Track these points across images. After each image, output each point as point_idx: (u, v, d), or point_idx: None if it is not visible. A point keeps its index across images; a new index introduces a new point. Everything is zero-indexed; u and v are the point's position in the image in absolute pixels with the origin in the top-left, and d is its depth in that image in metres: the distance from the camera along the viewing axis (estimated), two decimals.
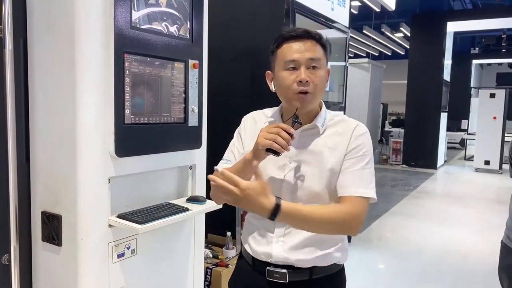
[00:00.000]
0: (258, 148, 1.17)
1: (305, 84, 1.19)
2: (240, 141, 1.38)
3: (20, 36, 1.61)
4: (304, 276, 1.26)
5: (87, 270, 1.59)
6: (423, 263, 4.01)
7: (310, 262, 1.25)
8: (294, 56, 1.20)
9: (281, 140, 1.13)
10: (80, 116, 1.52)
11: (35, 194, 1.68)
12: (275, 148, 1.13)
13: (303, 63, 1.20)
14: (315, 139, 1.27)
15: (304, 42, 1.21)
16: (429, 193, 7.41)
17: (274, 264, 1.26)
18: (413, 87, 10.12)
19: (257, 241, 1.31)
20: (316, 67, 1.21)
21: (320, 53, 1.23)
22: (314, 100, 1.25)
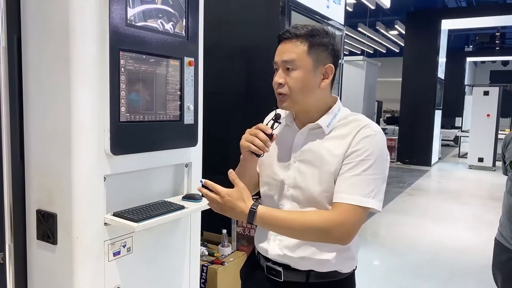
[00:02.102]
0: (241, 149, 1.21)
1: (278, 86, 1.21)
2: None
3: (14, 33, 1.59)
4: (300, 278, 1.24)
5: (83, 269, 1.58)
6: (418, 260, 4.04)
7: (306, 264, 1.23)
8: (276, 58, 1.23)
9: (258, 142, 1.16)
10: (75, 114, 1.51)
11: (30, 192, 1.67)
12: (253, 150, 1.17)
13: (280, 65, 1.22)
14: (320, 139, 1.23)
15: (286, 43, 1.21)
16: (424, 190, 7.45)
17: (273, 261, 1.29)
18: (408, 84, 10.16)
19: (260, 236, 1.35)
20: (290, 68, 1.19)
21: (300, 52, 1.17)
22: (294, 102, 1.21)
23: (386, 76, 15.26)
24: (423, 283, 3.55)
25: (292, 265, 1.25)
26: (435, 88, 9.90)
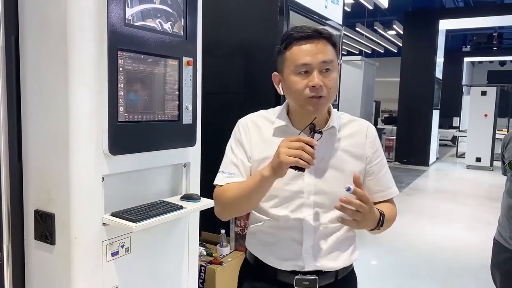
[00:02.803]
0: (282, 167, 1.05)
1: (319, 89, 1.13)
2: (243, 151, 1.25)
3: (11, 33, 1.59)
4: (330, 278, 1.25)
5: (81, 269, 1.58)
6: (415, 259, 4.04)
7: (337, 265, 1.25)
8: (306, 60, 1.14)
9: (306, 156, 1.03)
10: (73, 114, 1.51)
11: (28, 192, 1.67)
12: (301, 165, 1.04)
13: (316, 66, 1.14)
14: (333, 141, 1.23)
15: (316, 43, 1.15)
16: (421, 190, 7.46)
17: (303, 272, 1.23)
18: (406, 84, 10.17)
19: (282, 251, 1.23)
20: (329, 69, 1.15)
21: (332, 54, 1.17)
22: (328, 104, 1.20)
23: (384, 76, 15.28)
24: (420, 282, 3.55)
25: (325, 269, 1.24)
26: (433, 88, 9.92)
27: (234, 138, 1.29)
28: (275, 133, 1.24)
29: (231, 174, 1.24)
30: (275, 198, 1.22)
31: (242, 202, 1.20)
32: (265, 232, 1.26)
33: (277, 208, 1.23)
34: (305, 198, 1.20)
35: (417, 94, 9.90)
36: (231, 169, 1.24)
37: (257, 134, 1.25)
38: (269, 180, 1.11)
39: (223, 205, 1.24)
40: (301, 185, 1.20)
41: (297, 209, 1.21)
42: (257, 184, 1.13)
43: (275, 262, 1.24)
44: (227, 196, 1.21)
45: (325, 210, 1.21)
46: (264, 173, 1.10)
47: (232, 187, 1.21)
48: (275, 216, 1.23)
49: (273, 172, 1.08)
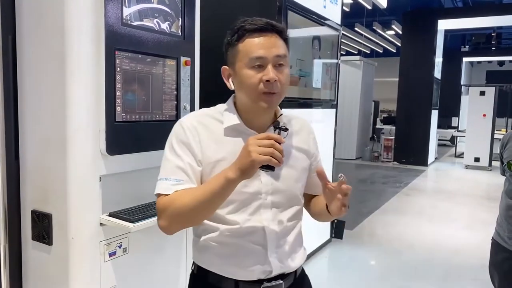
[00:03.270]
0: (254, 166, 0.98)
1: (273, 83, 1.08)
2: (191, 154, 1.12)
3: (8, 32, 1.58)
4: (291, 279, 1.23)
5: (78, 269, 1.57)
6: (414, 259, 4.04)
7: (297, 265, 1.24)
8: (261, 53, 1.08)
9: (278, 154, 0.98)
10: (70, 114, 1.50)
11: (25, 192, 1.66)
12: (273, 164, 0.99)
13: (270, 60, 1.08)
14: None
15: (269, 36, 1.10)
16: (420, 190, 7.46)
17: (268, 279, 1.17)
18: (404, 84, 10.18)
19: (246, 260, 1.15)
20: (282, 64, 1.11)
21: (284, 48, 1.13)
22: (280, 100, 1.15)
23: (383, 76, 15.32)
24: (419, 282, 3.55)
25: (287, 271, 1.21)
26: (432, 88, 9.92)
27: (177, 140, 1.14)
28: (226, 132, 1.15)
29: (179, 180, 1.10)
30: (233, 203, 1.12)
31: (200, 211, 1.07)
32: (222, 242, 1.15)
33: (235, 213, 1.13)
34: (263, 199, 1.14)
35: (416, 94, 9.91)
36: (178, 175, 1.10)
37: (207, 135, 1.14)
38: (235, 182, 1.02)
39: (172, 217, 1.09)
40: (259, 186, 1.14)
41: (255, 211, 1.14)
42: (221, 188, 1.02)
43: (239, 273, 1.15)
44: (178, 205, 1.06)
45: (282, 209, 1.18)
46: (230, 176, 1.01)
47: (183, 195, 1.07)
48: (233, 222, 1.13)
49: (241, 173, 1.00)
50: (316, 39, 3.71)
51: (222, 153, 1.12)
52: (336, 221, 4.37)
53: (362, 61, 10.73)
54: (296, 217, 1.24)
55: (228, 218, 1.14)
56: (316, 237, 4.03)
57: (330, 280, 3.67)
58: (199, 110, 1.25)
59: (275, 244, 1.17)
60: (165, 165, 1.15)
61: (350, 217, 5.10)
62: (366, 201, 6.28)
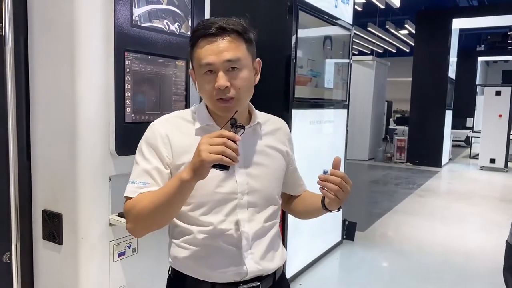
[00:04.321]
0: (204, 166, 0.94)
1: (224, 90, 1.05)
2: (159, 158, 1.12)
3: (20, 33, 1.60)
4: (270, 282, 1.21)
5: (88, 269, 1.59)
6: (426, 262, 3.99)
7: (274, 266, 1.21)
8: (209, 59, 1.05)
9: (230, 152, 0.93)
10: (80, 115, 1.51)
11: (36, 192, 1.68)
12: (225, 163, 0.94)
13: (220, 66, 1.05)
14: (257, 138, 1.20)
15: (220, 40, 1.05)
16: (433, 191, 7.37)
17: (244, 281, 1.15)
18: (418, 84, 10.07)
19: (219, 261, 1.13)
20: (236, 68, 1.07)
21: (241, 50, 1.08)
22: (240, 104, 1.11)
23: (396, 76, 15.18)
24: (431, 286, 3.50)
25: (264, 273, 1.18)
26: (446, 88, 9.79)
27: (146, 144, 1.14)
28: (197, 133, 1.14)
29: (144, 183, 1.10)
30: (206, 204, 1.11)
31: (158, 213, 1.05)
32: (196, 244, 1.13)
33: (209, 214, 1.12)
34: (238, 198, 1.12)
35: (430, 94, 9.79)
36: (144, 178, 1.10)
37: (178, 137, 1.13)
38: (190, 183, 0.99)
39: (136, 220, 1.08)
40: (234, 186, 1.12)
41: (231, 212, 1.12)
42: (176, 190, 1.00)
43: (213, 275, 1.13)
44: (138, 208, 1.06)
45: (258, 209, 1.16)
46: (183, 177, 0.98)
47: (144, 197, 1.07)
48: (207, 223, 1.12)
49: (194, 173, 0.96)
50: (327, 39, 3.68)
51: (191, 155, 1.03)
52: (347, 222, 4.34)
53: (375, 61, 10.64)
54: (273, 217, 1.22)
55: (201, 220, 1.12)
56: (326, 239, 4.01)
57: (340, 282, 3.64)
58: (172, 113, 1.23)
59: (250, 245, 1.15)
60: (134, 168, 1.15)
61: (362, 219, 5.06)
62: (378, 202, 6.22)
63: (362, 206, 6.08)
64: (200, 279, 1.15)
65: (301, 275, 3.46)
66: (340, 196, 1.09)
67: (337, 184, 1.07)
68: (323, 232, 3.84)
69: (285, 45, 3.04)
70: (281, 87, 3.03)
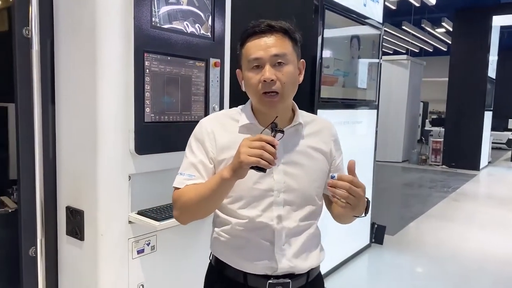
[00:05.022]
0: (242, 167, 1.01)
1: (270, 83, 1.11)
2: (205, 153, 1.20)
3: (46, 36, 1.66)
4: (302, 281, 1.23)
5: (107, 265, 1.62)
6: (460, 268, 3.84)
7: (308, 266, 1.23)
8: (257, 54, 1.12)
9: (268, 156, 0.99)
10: (101, 115, 1.55)
11: (60, 189, 1.74)
12: (262, 166, 0.99)
13: (267, 60, 1.11)
14: (299, 138, 1.22)
15: (268, 36, 1.12)
16: (470, 195, 7.07)
17: (275, 275, 1.19)
18: (455, 84, 9.70)
19: (252, 253, 1.19)
20: (282, 63, 1.12)
21: (287, 47, 1.14)
22: (284, 100, 1.16)
23: (432, 75, 14.71)
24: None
25: (297, 271, 1.21)
26: (485, 88, 9.38)
27: (194, 139, 1.23)
28: (241, 130, 1.20)
29: (191, 176, 1.18)
30: (244, 199, 1.18)
31: (201, 205, 1.14)
32: (233, 234, 1.21)
33: (246, 208, 1.18)
34: (275, 196, 1.17)
35: (468, 94, 9.42)
36: (191, 171, 1.19)
37: (222, 134, 1.20)
38: (230, 181, 1.06)
39: (181, 209, 1.17)
40: (271, 183, 1.17)
41: (267, 208, 1.17)
42: (217, 186, 1.08)
43: (246, 265, 1.19)
44: (185, 199, 1.15)
45: (295, 207, 1.19)
46: (224, 175, 1.05)
47: (190, 189, 1.15)
48: (244, 217, 1.18)
49: (233, 173, 1.03)
50: (355, 38, 3.61)
51: (234, 151, 1.10)
52: (376, 225, 4.24)
53: (410, 61, 10.35)
54: (310, 217, 1.23)
55: (238, 213, 1.19)
56: (354, 241, 3.93)
57: (367, 286, 3.56)
58: (220, 111, 1.30)
59: (283, 242, 1.19)
60: (183, 161, 1.24)
61: (392, 222, 4.93)
62: (410, 206, 6.04)
63: (393, 209, 5.93)
64: (234, 267, 1.21)
65: (327, 277, 3.41)
66: (351, 202, 1.05)
67: (346, 189, 1.04)
68: (350, 235, 3.77)
69: (311, 45, 3.01)
70: (306, 87, 3.00)
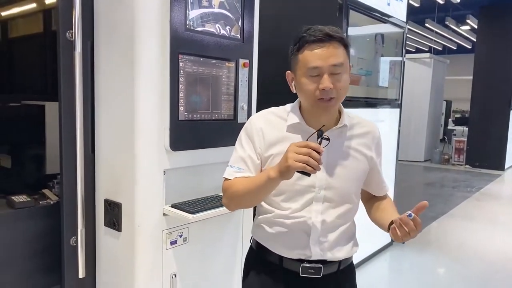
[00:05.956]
0: (289, 171, 1.09)
1: (328, 91, 1.17)
2: (253, 148, 1.28)
3: (87, 39, 1.77)
4: (333, 268, 1.31)
5: (143, 255, 1.72)
6: (483, 270, 3.81)
7: (341, 256, 1.31)
8: (317, 63, 1.17)
9: (313, 162, 1.06)
10: (138, 113, 1.65)
11: (99, 183, 1.85)
12: (308, 171, 1.07)
13: (326, 70, 1.17)
14: (343, 139, 1.29)
15: (327, 46, 1.17)
16: (494, 195, 6.97)
17: (308, 260, 1.28)
18: (480, 82, 9.52)
19: (289, 240, 1.28)
20: (339, 73, 1.18)
21: (343, 56, 1.20)
22: (338, 104, 1.24)
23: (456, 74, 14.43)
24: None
25: (329, 259, 1.29)
26: (511, 86, 9.18)
27: (244, 134, 1.32)
28: (288, 129, 1.27)
29: (240, 169, 1.27)
30: (287, 192, 1.26)
31: (248, 198, 1.24)
32: (274, 222, 1.29)
33: (288, 202, 1.26)
34: (316, 192, 1.25)
35: (493, 93, 9.23)
36: (240, 164, 1.28)
37: (270, 131, 1.27)
38: (276, 181, 1.14)
39: (230, 198, 1.28)
40: (313, 180, 1.23)
41: (308, 202, 1.25)
42: (263, 184, 1.16)
43: (283, 250, 1.29)
44: (233, 190, 1.25)
45: (334, 204, 1.27)
46: (271, 175, 1.13)
47: (239, 182, 1.24)
48: (285, 208, 1.27)
49: (280, 174, 1.11)
50: (378, 37, 3.63)
51: (281, 148, 1.21)
52: None
53: (433, 59, 10.21)
54: (347, 214, 1.30)
55: (281, 204, 1.28)
56: (376, 239, 3.95)
57: (388, 284, 3.59)
58: (269, 108, 1.37)
59: (318, 235, 1.27)
60: (233, 154, 1.33)
61: None
62: (432, 206, 5.99)
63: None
64: (272, 250, 1.31)
65: None
66: (405, 238, 1.14)
67: (410, 231, 1.11)
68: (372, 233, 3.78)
69: None
70: None
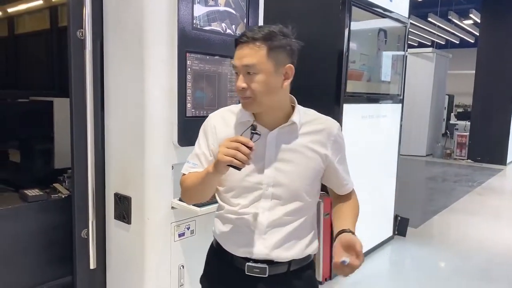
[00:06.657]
0: (219, 164, 1.12)
1: (242, 90, 1.19)
2: (207, 145, 1.32)
3: (97, 38, 1.82)
4: (282, 269, 1.29)
5: (152, 247, 1.78)
6: (485, 263, 3.86)
7: (289, 257, 1.29)
8: (234, 62, 1.21)
9: (241, 156, 1.09)
10: (147, 109, 1.70)
11: (109, 177, 1.91)
12: (235, 165, 1.10)
13: (240, 70, 1.19)
14: (294, 137, 1.28)
15: (244, 47, 1.18)
16: (495, 190, 7.01)
17: (254, 259, 1.28)
18: (482, 77, 9.52)
19: (237, 238, 1.30)
20: (252, 72, 1.18)
21: (259, 57, 1.17)
22: (258, 104, 1.22)
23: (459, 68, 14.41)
24: (485, 286, 3.41)
25: (276, 259, 1.28)
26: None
27: (201, 131, 1.36)
28: (238, 126, 1.28)
29: (194, 164, 1.32)
30: (235, 189, 1.29)
31: (195, 192, 1.30)
32: (225, 218, 1.32)
33: (238, 198, 1.29)
34: (263, 189, 1.25)
35: (495, 87, 9.23)
36: (195, 160, 1.33)
37: (223, 128, 1.30)
38: (213, 175, 1.18)
39: (183, 192, 1.34)
40: (261, 177, 1.25)
41: (255, 199, 1.26)
42: (204, 178, 1.21)
43: (231, 247, 1.32)
44: (186, 184, 1.30)
45: (282, 202, 1.26)
46: (209, 169, 1.19)
47: (191, 176, 1.29)
48: (234, 204, 1.29)
49: (215, 169, 1.15)
50: (381, 33, 3.67)
51: None
52: (399, 218, 4.29)
53: (435, 53, 10.20)
54: (297, 212, 1.28)
55: (231, 200, 1.31)
56: (377, 233, 4.00)
57: (389, 277, 3.64)
58: (229, 106, 1.40)
59: (265, 231, 1.27)
60: (193, 150, 1.37)
61: (416, 215, 4.97)
62: (434, 200, 6.05)
63: (416, 202, 5.94)
64: (225, 248, 1.34)
65: None
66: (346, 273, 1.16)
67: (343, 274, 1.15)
68: (373, 226, 3.85)
69: (338, 41, 3.09)
70: (333, 82, 3.08)
